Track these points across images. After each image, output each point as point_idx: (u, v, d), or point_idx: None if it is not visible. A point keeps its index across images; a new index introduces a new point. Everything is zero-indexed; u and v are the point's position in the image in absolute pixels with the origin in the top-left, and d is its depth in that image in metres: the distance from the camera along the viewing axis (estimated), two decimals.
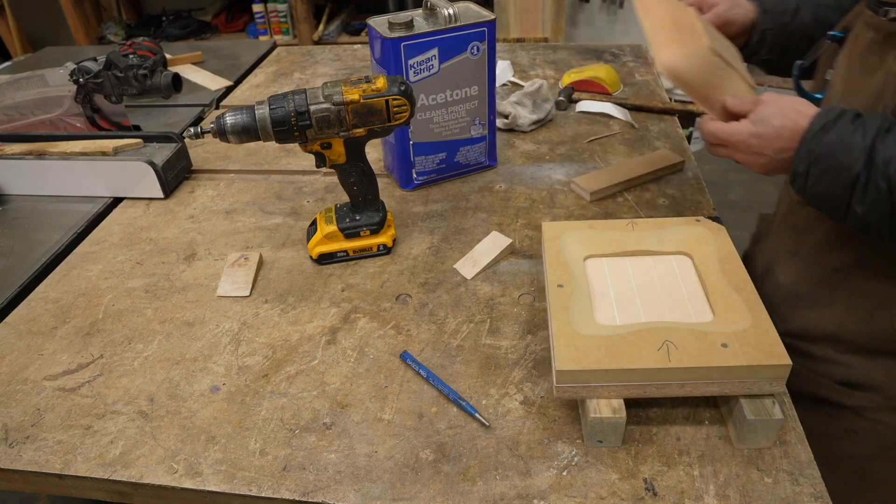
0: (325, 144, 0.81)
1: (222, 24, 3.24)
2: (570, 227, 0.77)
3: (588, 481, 0.58)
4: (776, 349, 0.59)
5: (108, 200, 1.05)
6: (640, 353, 0.60)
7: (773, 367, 0.58)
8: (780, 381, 0.59)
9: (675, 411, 0.64)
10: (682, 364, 0.58)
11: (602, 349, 0.60)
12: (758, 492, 0.57)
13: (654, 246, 0.74)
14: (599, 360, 0.59)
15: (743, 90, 0.72)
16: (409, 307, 0.80)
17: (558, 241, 0.75)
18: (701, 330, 0.61)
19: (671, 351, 0.60)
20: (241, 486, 0.60)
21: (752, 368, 0.58)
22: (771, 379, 0.59)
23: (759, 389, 0.59)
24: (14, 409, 0.69)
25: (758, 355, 0.58)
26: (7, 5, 3.07)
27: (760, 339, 0.60)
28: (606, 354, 0.60)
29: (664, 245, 0.74)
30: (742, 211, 2.58)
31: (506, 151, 1.14)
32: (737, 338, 0.60)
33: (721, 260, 0.70)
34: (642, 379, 0.59)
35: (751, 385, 0.59)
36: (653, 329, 0.62)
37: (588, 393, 0.60)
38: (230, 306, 0.82)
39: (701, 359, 0.59)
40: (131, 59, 1.11)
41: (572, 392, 0.61)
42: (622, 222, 0.77)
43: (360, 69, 1.54)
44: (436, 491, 0.58)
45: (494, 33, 0.95)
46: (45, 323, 0.81)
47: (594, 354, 0.60)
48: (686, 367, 0.58)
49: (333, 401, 0.68)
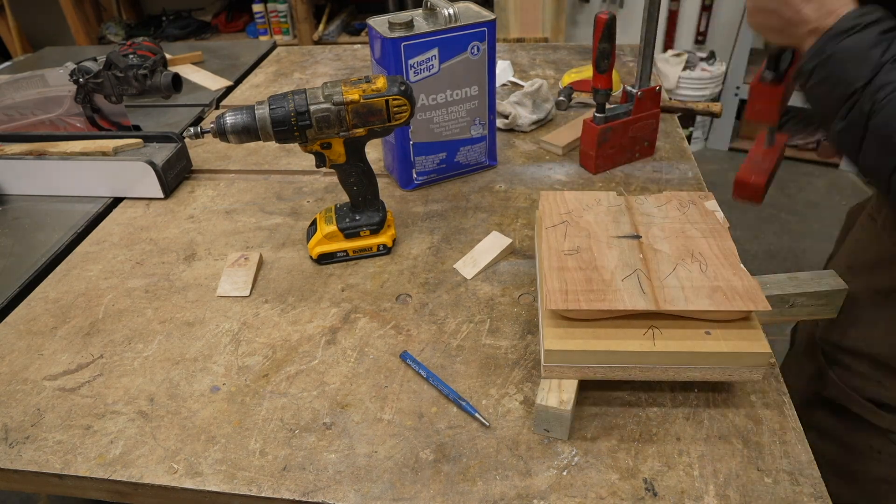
0: (325, 144, 0.81)
1: (222, 24, 3.24)
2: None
3: (588, 481, 0.58)
4: (757, 337, 0.61)
5: (108, 200, 1.05)
6: (627, 337, 0.62)
7: (753, 355, 0.60)
8: (759, 369, 0.61)
9: (675, 411, 0.64)
10: (665, 349, 0.61)
11: (588, 330, 0.62)
12: (758, 492, 0.57)
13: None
14: (586, 341, 0.61)
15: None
16: (409, 307, 0.80)
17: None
18: (685, 317, 0.63)
19: (656, 336, 0.61)
20: (241, 486, 0.60)
21: (733, 355, 0.60)
22: (751, 366, 0.60)
23: (739, 376, 0.61)
24: (14, 409, 0.69)
25: (739, 343, 0.60)
26: (7, 5, 3.07)
27: (743, 326, 0.62)
28: (593, 336, 0.62)
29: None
30: (742, 211, 2.58)
31: (506, 151, 1.14)
32: (720, 325, 0.62)
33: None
34: (627, 361, 0.61)
35: (731, 372, 0.61)
36: (640, 312, 0.63)
37: (574, 373, 0.63)
38: (230, 306, 0.82)
39: (684, 344, 0.61)
40: (131, 59, 1.11)
41: (559, 372, 0.63)
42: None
43: (360, 69, 1.54)
44: (436, 491, 0.58)
45: (494, 33, 0.95)
46: (45, 323, 0.81)
47: (580, 335, 0.62)
48: (669, 351, 0.60)
49: (333, 401, 0.68)
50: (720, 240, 0.71)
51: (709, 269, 0.66)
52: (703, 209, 0.76)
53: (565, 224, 0.74)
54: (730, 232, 0.72)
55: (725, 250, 0.69)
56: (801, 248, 2.38)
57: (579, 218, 0.75)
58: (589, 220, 0.75)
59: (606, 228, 0.73)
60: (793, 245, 2.40)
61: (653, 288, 0.64)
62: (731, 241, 0.71)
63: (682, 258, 0.68)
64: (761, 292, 0.62)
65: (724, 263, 0.67)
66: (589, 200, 0.78)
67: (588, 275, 0.66)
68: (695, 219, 0.74)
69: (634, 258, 0.68)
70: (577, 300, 0.63)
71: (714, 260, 0.67)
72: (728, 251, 0.69)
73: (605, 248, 0.69)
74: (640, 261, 0.68)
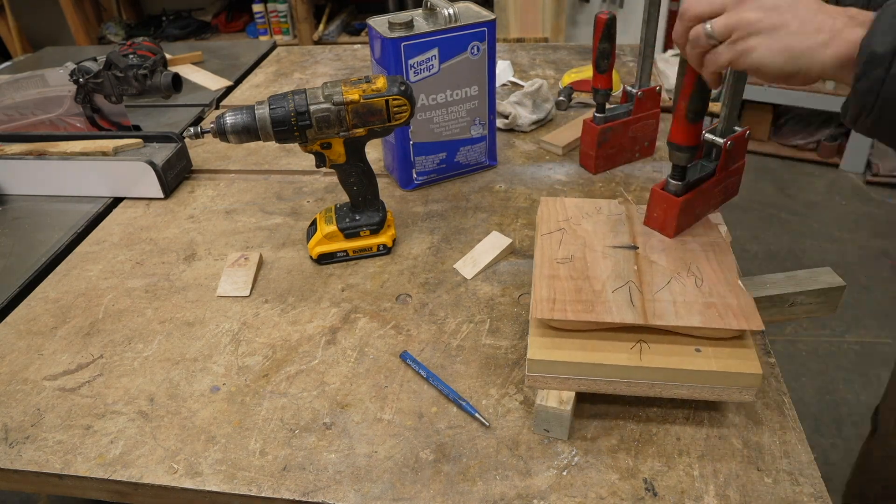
0: (325, 144, 0.81)
1: (222, 24, 3.24)
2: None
3: (588, 481, 0.58)
4: (748, 357, 0.59)
5: (108, 200, 1.05)
6: (613, 350, 0.60)
7: (744, 376, 0.58)
8: (750, 391, 0.59)
9: (675, 411, 0.64)
10: (652, 364, 0.59)
11: (576, 341, 0.61)
12: (758, 492, 0.57)
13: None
14: (571, 352, 0.60)
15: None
16: (409, 307, 0.80)
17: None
18: (676, 332, 0.61)
19: (643, 350, 0.60)
20: (241, 486, 0.60)
21: (723, 375, 0.58)
22: (741, 387, 0.59)
23: (728, 397, 0.60)
24: (14, 409, 0.69)
25: (729, 362, 0.58)
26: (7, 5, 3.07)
27: (736, 346, 0.60)
28: (579, 347, 0.60)
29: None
30: (742, 211, 2.58)
31: (506, 151, 1.14)
32: (712, 343, 0.60)
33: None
34: (612, 375, 0.60)
35: (721, 391, 0.59)
36: (629, 326, 0.62)
37: (559, 385, 0.61)
38: (230, 306, 0.82)
39: (672, 360, 0.59)
40: (131, 59, 1.11)
41: (542, 382, 0.61)
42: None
43: (360, 69, 1.54)
44: (436, 491, 0.58)
45: (494, 33, 0.95)
46: (45, 323, 0.81)
47: (566, 346, 0.61)
48: (656, 367, 0.59)
49: (333, 401, 0.68)
50: (720, 254, 0.69)
51: (704, 284, 0.64)
52: (707, 221, 0.75)
53: (562, 231, 0.73)
54: (730, 243, 0.70)
55: (724, 265, 0.67)
56: (801, 248, 2.38)
57: (577, 226, 0.74)
58: (587, 228, 0.74)
59: (604, 238, 0.72)
60: (793, 245, 2.40)
61: (643, 301, 0.62)
62: (731, 255, 0.69)
63: (678, 272, 0.66)
64: (756, 311, 0.61)
65: (720, 279, 0.65)
66: (589, 208, 0.77)
67: (578, 284, 0.65)
68: (697, 231, 0.73)
69: (629, 269, 0.67)
70: (563, 310, 0.62)
71: (711, 275, 0.66)
72: (727, 266, 0.67)
73: (599, 258, 0.68)
74: (634, 272, 0.66)
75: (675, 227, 0.71)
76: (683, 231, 0.72)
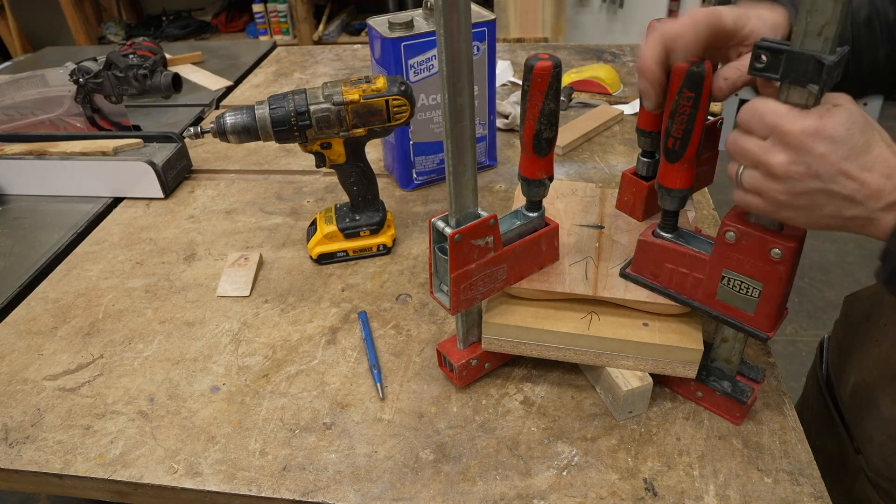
0: (325, 144, 0.81)
1: (222, 24, 3.24)
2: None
3: (588, 481, 0.58)
4: (693, 334, 0.61)
5: (108, 200, 1.05)
6: (564, 319, 0.63)
7: (685, 350, 0.60)
8: (692, 365, 0.61)
9: (675, 411, 0.64)
10: (598, 334, 0.62)
11: (531, 308, 0.64)
12: (758, 492, 0.57)
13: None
14: (524, 318, 0.63)
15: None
16: (409, 307, 0.80)
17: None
18: (629, 307, 0.64)
19: (593, 321, 0.63)
20: (241, 486, 0.60)
21: (665, 348, 0.61)
22: (684, 362, 0.61)
23: (672, 370, 0.62)
24: (14, 409, 0.69)
25: (672, 337, 0.61)
26: (7, 5, 3.08)
27: (682, 323, 0.62)
28: (532, 314, 0.64)
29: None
30: None
31: (506, 151, 1.14)
32: (660, 319, 0.63)
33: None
34: (561, 342, 0.63)
35: (664, 364, 0.62)
36: (583, 298, 0.64)
37: (512, 348, 0.65)
38: (230, 306, 0.82)
39: (618, 332, 0.62)
40: (131, 59, 1.11)
41: (497, 344, 0.65)
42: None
43: (360, 69, 1.54)
44: (436, 491, 0.58)
45: (494, 33, 0.95)
46: (44, 323, 0.81)
47: (521, 312, 0.64)
48: (602, 336, 0.62)
49: (333, 401, 0.68)
50: None
51: None
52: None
53: None
54: (699, 229, 0.69)
55: None
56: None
57: (550, 205, 0.76)
58: (559, 207, 0.76)
59: (573, 217, 0.74)
60: None
61: (597, 275, 0.65)
62: None
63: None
64: None
65: None
66: (565, 189, 0.80)
67: None
68: None
69: (590, 246, 0.69)
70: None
71: None
72: None
73: (564, 236, 0.70)
74: (595, 249, 0.69)
75: (643, 211, 0.73)
76: (652, 215, 0.74)
